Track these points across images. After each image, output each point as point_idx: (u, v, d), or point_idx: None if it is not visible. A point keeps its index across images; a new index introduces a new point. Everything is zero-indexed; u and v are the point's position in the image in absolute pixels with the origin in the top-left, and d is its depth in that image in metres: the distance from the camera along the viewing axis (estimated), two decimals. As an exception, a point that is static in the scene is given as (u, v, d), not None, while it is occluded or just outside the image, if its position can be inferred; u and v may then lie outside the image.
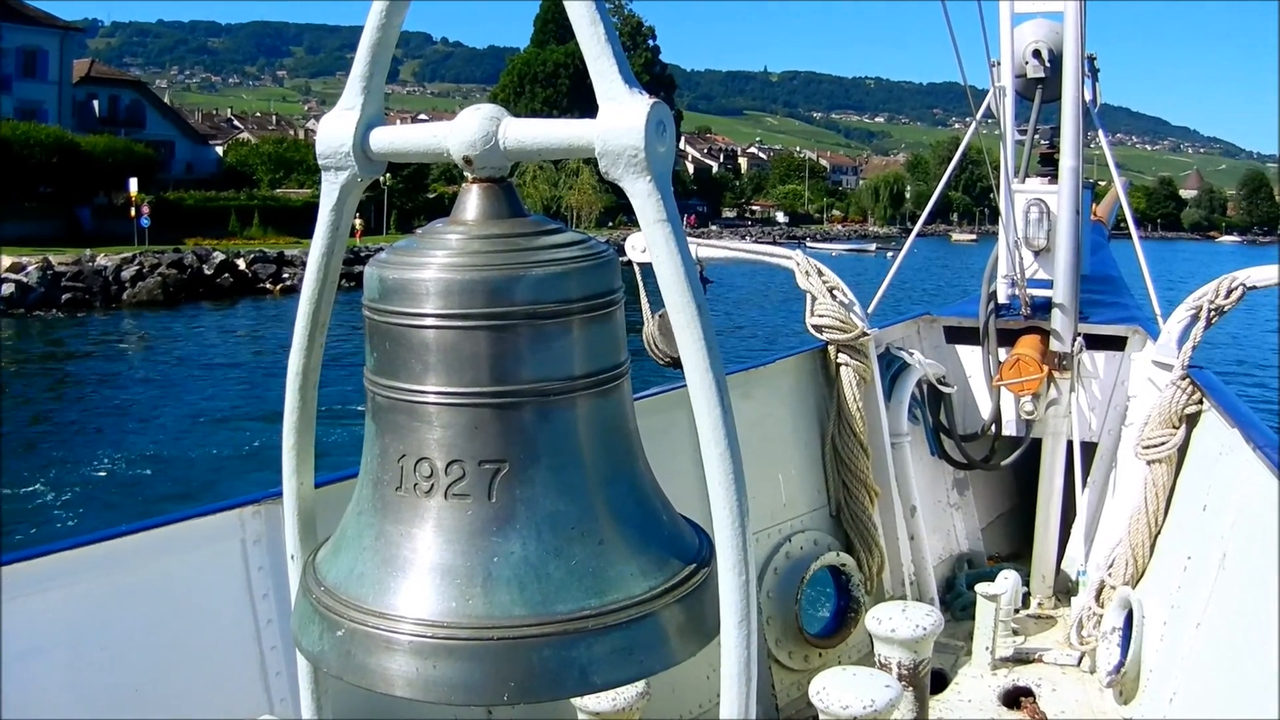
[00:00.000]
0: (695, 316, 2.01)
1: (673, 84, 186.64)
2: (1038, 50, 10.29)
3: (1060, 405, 9.03)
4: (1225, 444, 6.76)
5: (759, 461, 7.60)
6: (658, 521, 2.41)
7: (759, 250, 8.81)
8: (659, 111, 2.00)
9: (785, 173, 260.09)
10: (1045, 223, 9.72)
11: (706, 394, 2.04)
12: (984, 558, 10.06)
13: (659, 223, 1.99)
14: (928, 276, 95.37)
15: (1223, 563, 6.23)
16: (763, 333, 49.49)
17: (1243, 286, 7.56)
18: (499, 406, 2.21)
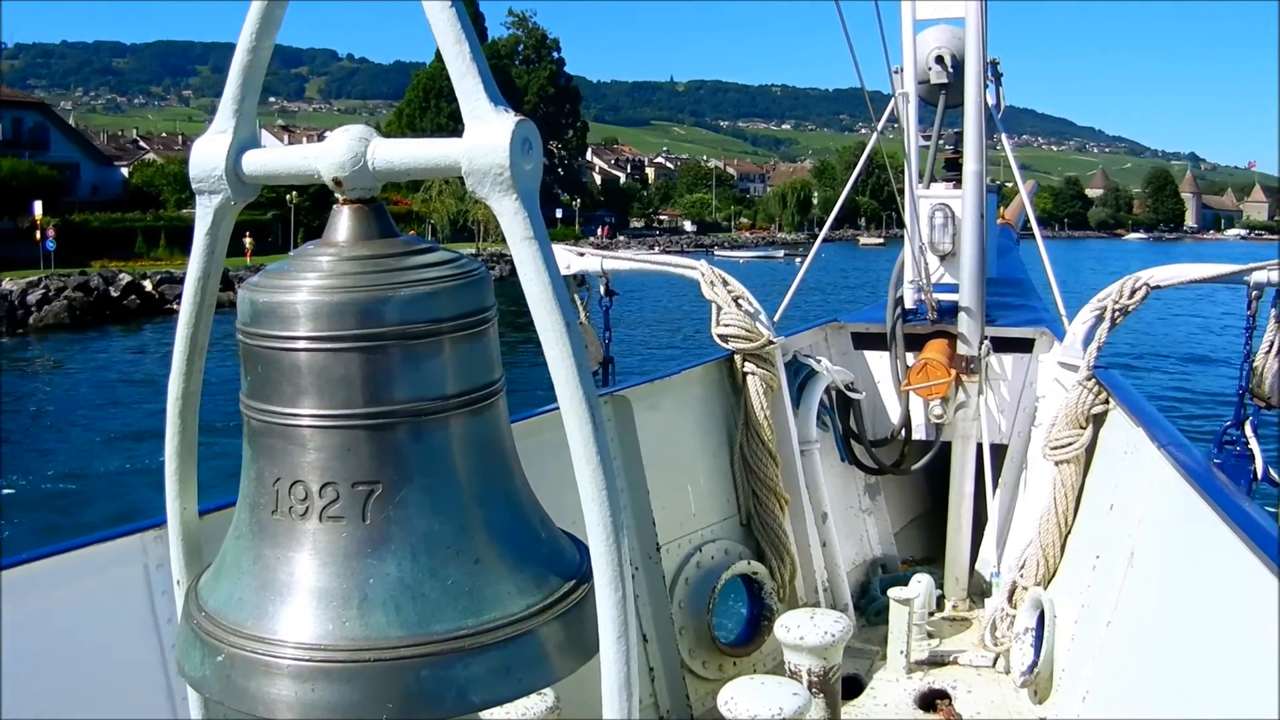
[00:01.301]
0: (564, 334, 1.98)
1: (578, 96, 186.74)
2: (940, 56, 10.34)
3: (969, 408, 9.07)
4: (1130, 443, 6.82)
5: (667, 472, 7.59)
6: (535, 539, 2.40)
7: (665, 261, 8.80)
8: (525, 129, 1.98)
9: (692, 182, 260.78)
10: (950, 227, 9.77)
11: (577, 411, 2.00)
12: (898, 562, 10.09)
13: (526, 240, 1.97)
14: (837, 281, 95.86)
15: (1131, 561, 6.27)
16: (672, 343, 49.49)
17: (1146, 286, 7.63)
18: (372, 428, 2.20)
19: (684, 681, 7.58)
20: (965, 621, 8.97)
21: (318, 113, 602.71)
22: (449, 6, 1.94)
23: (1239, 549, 4.34)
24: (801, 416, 8.59)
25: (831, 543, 8.72)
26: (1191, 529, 5.32)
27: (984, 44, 8.95)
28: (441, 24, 1.94)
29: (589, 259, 8.60)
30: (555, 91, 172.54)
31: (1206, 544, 4.95)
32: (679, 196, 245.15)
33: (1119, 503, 6.90)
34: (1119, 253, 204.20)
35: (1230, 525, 4.60)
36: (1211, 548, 4.82)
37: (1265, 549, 4.14)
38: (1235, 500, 4.97)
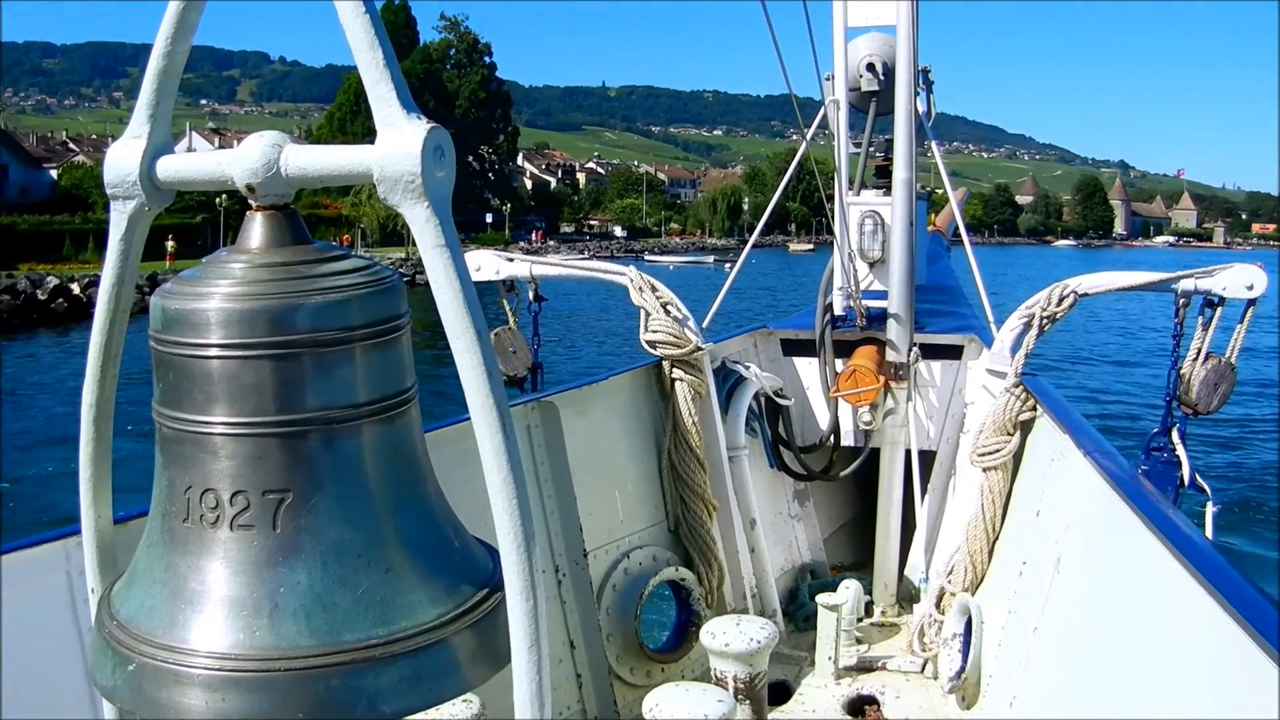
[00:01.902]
0: (475, 343, 1.97)
1: (509, 100, 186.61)
2: (871, 63, 10.37)
3: (897, 415, 9.10)
4: (1057, 449, 6.86)
5: (595, 478, 7.58)
6: (448, 548, 2.38)
7: (593, 267, 8.77)
8: (437, 136, 1.96)
9: (623, 187, 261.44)
10: (880, 234, 9.79)
11: (488, 421, 1.99)
12: (826, 568, 10.10)
13: (437, 248, 1.96)
14: (767, 285, 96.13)
15: (1057, 567, 6.30)
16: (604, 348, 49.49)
17: (1074, 294, 7.67)
18: (283, 436, 2.18)
19: (611, 688, 7.56)
20: (894, 627, 8.99)
21: (249, 115, 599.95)
22: (363, 12, 1.92)
23: (1163, 555, 4.38)
24: (730, 423, 8.60)
25: (760, 549, 8.72)
26: (1116, 535, 5.35)
27: (915, 51, 8.98)
28: (355, 30, 1.93)
29: (518, 264, 8.57)
30: (487, 96, 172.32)
31: (1131, 550, 4.98)
32: (610, 201, 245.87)
33: (1045, 509, 6.93)
34: (1048, 259, 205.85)
35: (1154, 531, 4.63)
36: (1136, 554, 4.85)
37: (1188, 555, 4.17)
38: (1159, 507, 5.01)
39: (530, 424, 7.16)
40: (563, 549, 7.33)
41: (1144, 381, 39.29)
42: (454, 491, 2.58)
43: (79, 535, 4.33)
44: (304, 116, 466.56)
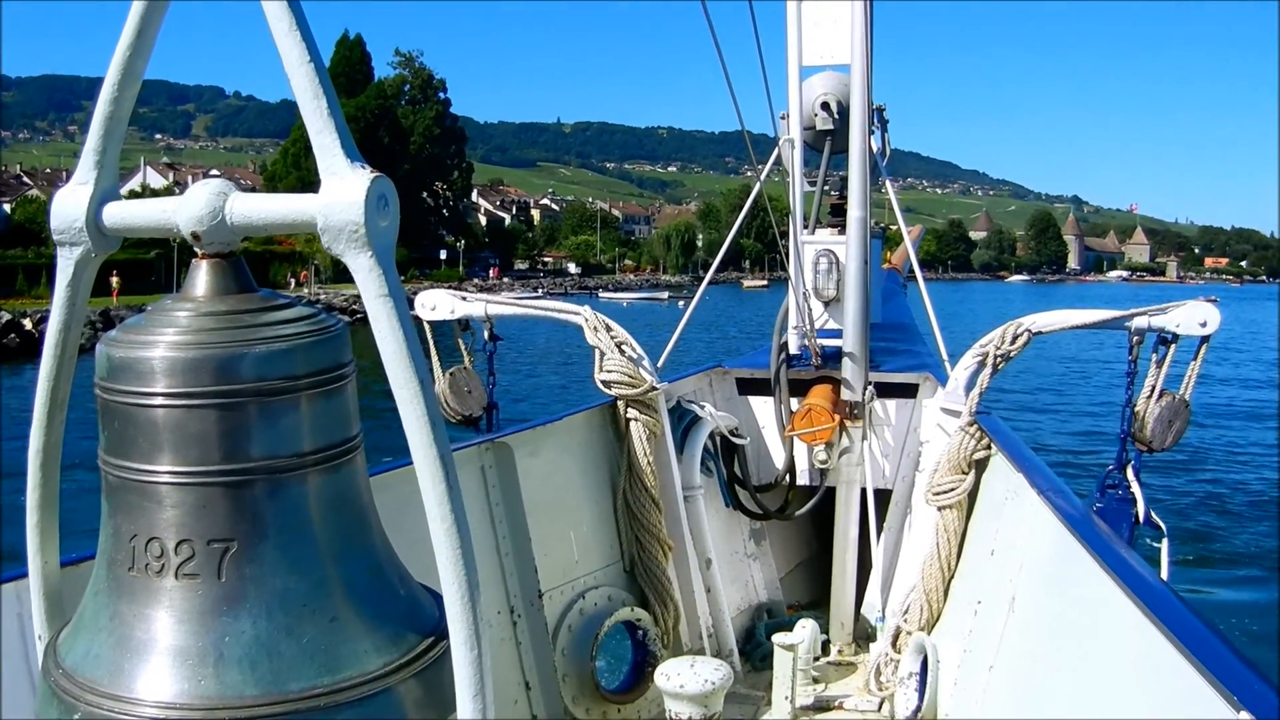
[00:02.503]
0: (418, 393, 1.98)
1: (464, 137, 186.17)
2: (826, 102, 10.41)
3: (853, 453, 9.10)
4: (1011, 488, 6.87)
5: (550, 519, 7.56)
6: (393, 595, 2.40)
7: (548, 306, 8.75)
8: (380, 185, 1.97)
9: (578, 223, 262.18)
10: (835, 273, 9.82)
11: (431, 471, 2.01)
12: (783, 607, 10.08)
13: (381, 298, 1.97)
14: (722, 321, 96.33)
15: (1012, 605, 6.31)
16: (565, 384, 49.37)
17: (1028, 332, 7.69)
18: (228, 485, 2.18)
19: None
20: (850, 666, 8.98)
21: (204, 150, 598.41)
22: (308, 61, 1.92)
23: (1115, 594, 4.38)
24: (685, 462, 8.59)
25: (716, 588, 8.71)
26: (1070, 574, 5.36)
27: (869, 90, 9.01)
28: (300, 79, 1.93)
29: (473, 304, 8.55)
30: (441, 132, 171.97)
31: (1084, 588, 4.99)
32: (564, 238, 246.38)
33: (1000, 548, 6.93)
34: (1002, 295, 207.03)
35: (1107, 570, 4.64)
36: (1089, 592, 4.86)
37: (1140, 594, 4.18)
38: (1112, 546, 5.02)
39: (485, 464, 7.14)
40: (518, 589, 7.30)
41: (1101, 414, 39.40)
42: (401, 535, 2.59)
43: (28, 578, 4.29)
44: (259, 151, 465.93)
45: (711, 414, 8.84)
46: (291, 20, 1.93)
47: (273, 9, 1.92)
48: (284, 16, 1.93)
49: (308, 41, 1.95)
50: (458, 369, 8.53)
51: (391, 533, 2.53)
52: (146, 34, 2.26)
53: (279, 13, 1.92)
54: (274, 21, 1.93)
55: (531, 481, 7.42)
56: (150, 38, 2.28)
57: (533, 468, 7.47)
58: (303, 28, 1.94)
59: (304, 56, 1.92)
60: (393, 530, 2.54)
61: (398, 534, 2.59)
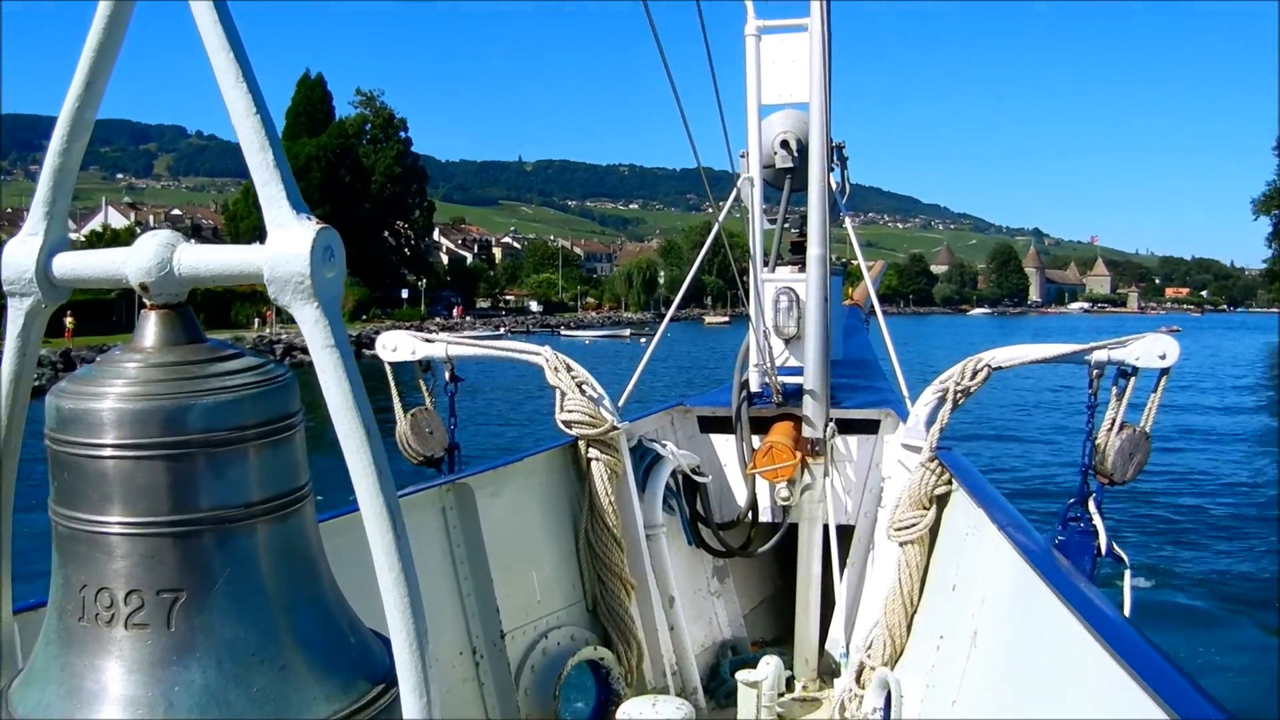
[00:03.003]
0: (364, 443, 2.00)
1: (425, 175, 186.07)
2: (785, 140, 10.47)
3: (815, 490, 9.10)
4: (972, 523, 6.88)
5: (512, 559, 7.54)
6: (343, 643, 2.40)
7: (509, 347, 8.75)
8: (326, 237, 1.98)
9: (540, 261, 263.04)
10: (795, 311, 9.86)
11: (379, 520, 2.02)
12: (747, 643, 10.07)
13: (327, 349, 1.98)
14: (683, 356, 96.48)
15: (974, 640, 6.31)
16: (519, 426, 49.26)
17: (988, 367, 7.71)
18: (177, 535, 2.18)
19: None
20: (815, 702, 8.97)
21: (166, 189, 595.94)
22: (254, 113, 1.94)
23: (1076, 629, 4.40)
24: (647, 501, 8.59)
25: (679, 626, 8.70)
26: (1031, 609, 5.37)
27: (828, 128, 9.04)
28: (246, 131, 1.94)
29: (434, 345, 8.55)
30: (402, 171, 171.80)
31: (1045, 624, 5.00)
32: (526, 276, 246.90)
33: (961, 583, 6.94)
34: (963, 328, 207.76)
35: (1067, 605, 4.65)
36: (1050, 627, 4.87)
37: (1100, 630, 4.19)
38: (1072, 581, 5.03)
39: (446, 505, 7.13)
40: (480, 630, 7.28)
41: (1063, 443, 39.57)
42: (354, 580, 2.59)
43: None
44: (221, 190, 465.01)
45: (673, 452, 8.84)
46: (238, 72, 1.95)
47: (220, 61, 1.94)
48: (231, 69, 1.95)
49: (254, 94, 1.96)
50: (419, 410, 8.53)
51: (345, 578, 2.54)
52: (95, 85, 2.27)
53: (226, 65, 1.94)
54: (221, 74, 1.94)
55: (493, 522, 7.41)
56: (99, 87, 2.28)
57: (494, 508, 7.46)
58: (249, 80, 1.96)
59: (251, 108, 1.94)
60: (346, 575, 2.54)
61: (351, 578, 2.59)
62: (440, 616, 6.79)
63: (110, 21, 2.23)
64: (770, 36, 10.38)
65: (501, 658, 7.36)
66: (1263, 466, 40.36)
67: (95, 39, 2.24)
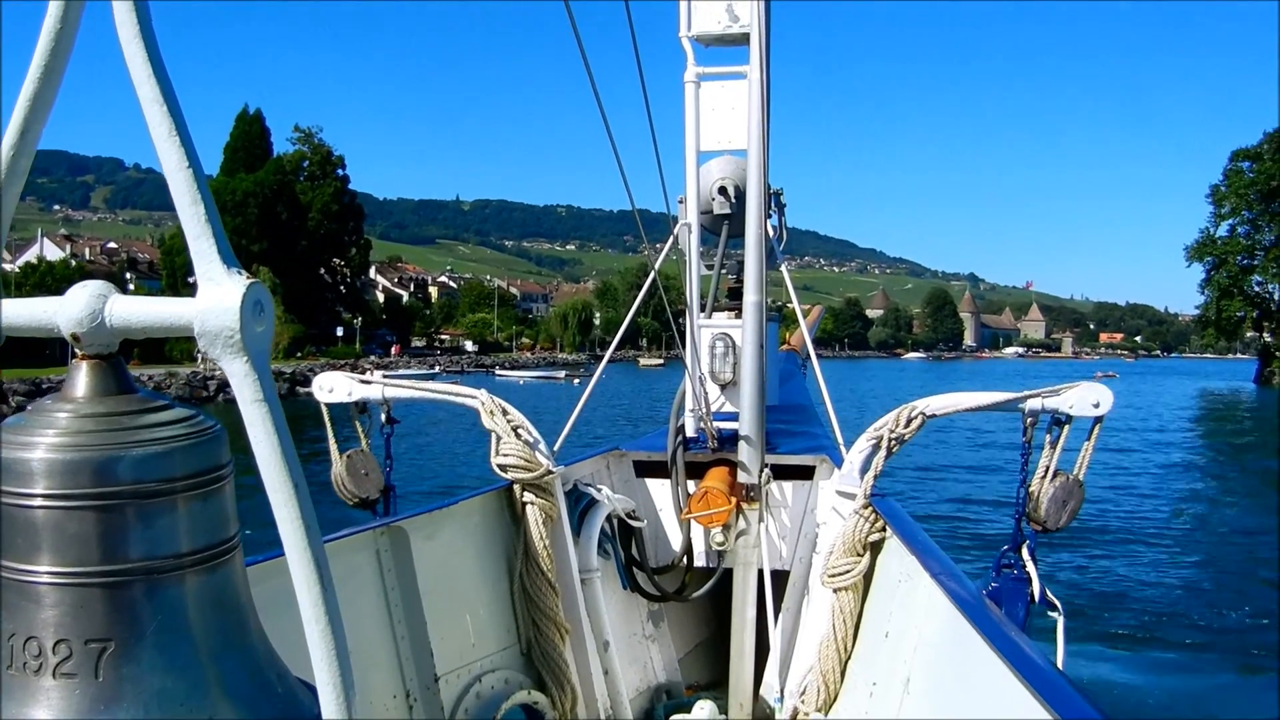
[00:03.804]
0: (292, 496, 1.99)
1: (362, 213, 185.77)
2: (724, 187, 10.50)
3: (750, 535, 9.10)
4: (905, 570, 6.91)
5: (446, 602, 7.51)
6: (271, 693, 2.37)
7: (445, 390, 8.74)
8: (256, 292, 1.99)
9: (475, 301, 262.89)
10: (731, 356, 9.90)
11: (306, 574, 2.02)
12: (682, 688, 10.06)
13: (256, 403, 1.98)
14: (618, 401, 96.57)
15: (907, 687, 6.34)
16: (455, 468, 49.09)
17: (922, 415, 7.76)
18: (106, 585, 2.17)
19: None
20: None
21: (103, 222, 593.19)
22: (187, 168, 1.94)
23: (1006, 677, 4.43)
24: (582, 545, 8.58)
25: (614, 670, 8.69)
26: (963, 657, 5.41)
27: (765, 176, 9.08)
28: (178, 185, 1.95)
29: (370, 386, 8.53)
30: (339, 208, 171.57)
31: (977, 672, 5.03)
32: (461, 316, 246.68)
33: (894, 630, 6.97)
34: (898, 372, 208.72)
35: (998, 654, 4.69)
36: (981, 675, 4.91)
37: (1030, 679, 4.23)
38: (1003, 629, 5.07)
39: (380, 549, 7.10)
40: (413, 673, 7.25)
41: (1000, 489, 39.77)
42: (278, 627, 2.58)
43: None
44: (157, 224, 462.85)
45: (609, 496, 8.83)
46: (171, 126, 1.96)
47: (154, 114, 1.94)
48: (164, 121, 1.96)
49: (187, 147, 1.97)
50: (355, 451, 8.50)
51: (272, 623, 2.53)
52: (29, 133, 2.27)
53: (159, 118, 1.94)
54: (154, 126, 1.94)
55: (427, 565, 7.38)
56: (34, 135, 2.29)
57: (429, 551, 7.43)
58: (183, 133, 1.97)
59: (183, 162, 1.95)
60: (274, 621, 2.54)
61: (279, 624, 2.59)
62: (373, 659, 6.77)
63: (48, 62, 2.23)
64: (710, 83, 10.44)
65: (435, 701, 7.33)
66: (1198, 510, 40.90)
67: (34, 78, 2.24)
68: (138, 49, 1.93)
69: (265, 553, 4.89)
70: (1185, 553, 31.40)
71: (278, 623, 2.58)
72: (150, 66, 1.96)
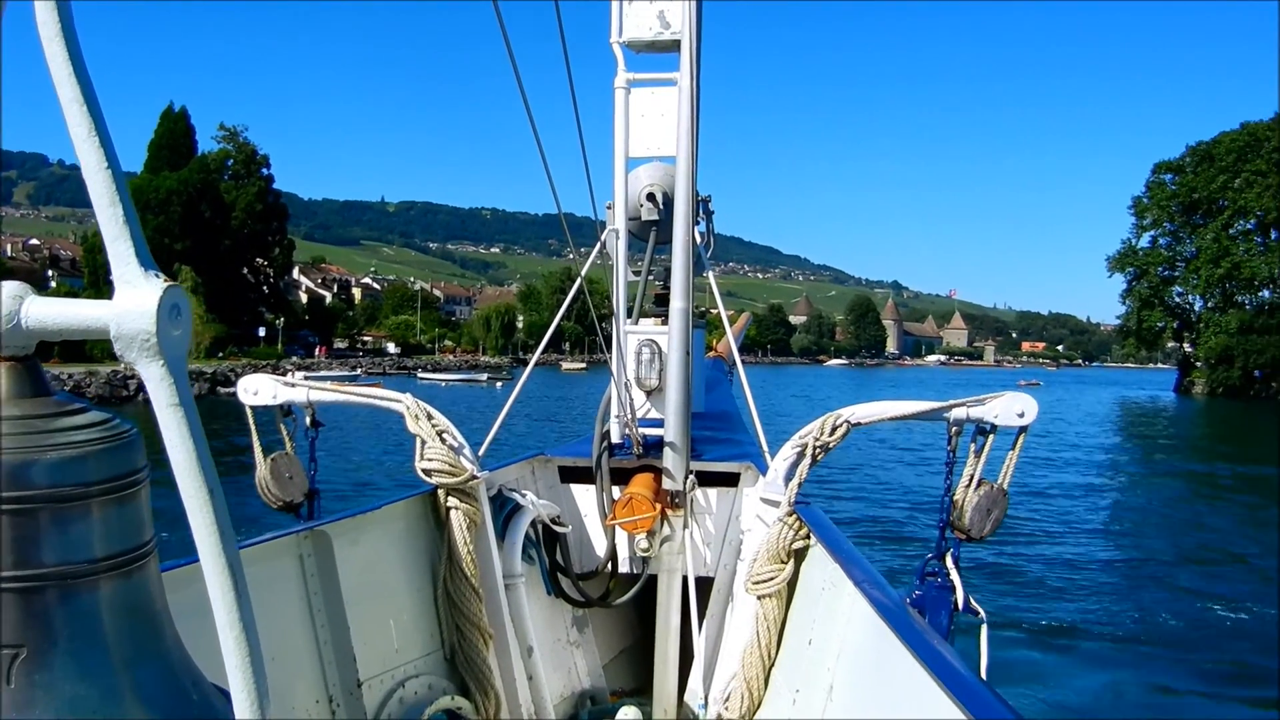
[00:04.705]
0: (207, 501, 1.98)
1: (286, 213, 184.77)
2: (652, 193, 10.49)
3: (674, 542, 9.10)
4: (828, 578, 6.92)
5: (370, 607, 7.46)
6: (186, 700, 2.34)
7: (371, 394, 8.68)
8: (173, 295, 1.97)
9: (399, 303, 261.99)
10: (657, 363, 9.88)
11: (220, 579, 2.01)
12: (606, 694, 10.04)
13: (171, 407, 1.97)
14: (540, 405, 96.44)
15: (830, 694, 6.35)
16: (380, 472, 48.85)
17: (847, 424, 7.77)
18: (19, 590, 2.13)
19: None
20: None
21: (25, 219, 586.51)
22: (106, 169, 1.93)
23: (929, 686, 4.46)
24: (506, 550, 8.56)
25: (538, 676, 8.67)
26: (885, 665, 5.43)
27: (693, 183, 9.08)
28: (97, 186, 1.93)
29: (295, 389, 8.48)
30: (263, 208, 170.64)
31: (899, 680, 5.05)
32: (384, 318, 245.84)
33: (817, 637, 6.98)
34: (821, 379, 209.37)
35: (919, 661, 4.72)
36: (903, 682, 4.93)
37: (950, 686, 4.26)
38: (925, 637, 5.09)
39: (304, 553, 7.05)
40: (336, 679, 7.20)
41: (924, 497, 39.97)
42: (194, 632, 2.57)
43: None
44: (81, 222, 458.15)
45: (533, 502, 8.81)
46: (91, 126, 1.94)
47: (74, 114, 1.93)
48: (84, 122, 1.94)
49: (107, 148, 1.95)
50: (279, 455, 8.44)
51: (188, 629, 2.51)
52: None
53: (79, 118, 1.93)
54: (74, 126, 1.93)
55: (351, 570, 7.34)
56: None
57: (353, 556, 7.39)
58: (102, 134, 1.95)
59: (102, 162, 1.93)
60: (186, 629, 2.52)
61: (194, 630, 2.58)
62: (296, 664, 6.72)
63: None
64: (640, 89, 10.43)
65: (358, 706, 7.29)
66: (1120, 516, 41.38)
67: None
68: (59, 49, 1.91)
69: (186, 557, 4.86)
70: (1108, 557, 31.79)
71: (198, 629, 2.56)
72: (71, 66, 1.94)
